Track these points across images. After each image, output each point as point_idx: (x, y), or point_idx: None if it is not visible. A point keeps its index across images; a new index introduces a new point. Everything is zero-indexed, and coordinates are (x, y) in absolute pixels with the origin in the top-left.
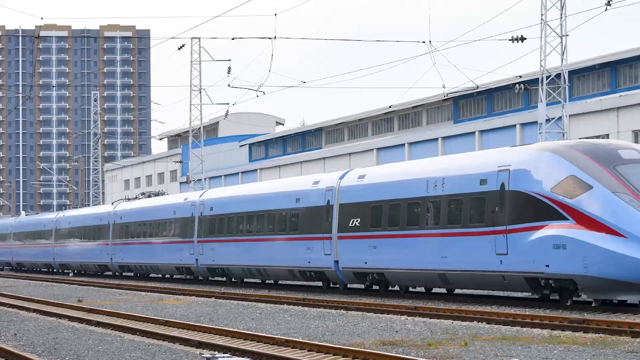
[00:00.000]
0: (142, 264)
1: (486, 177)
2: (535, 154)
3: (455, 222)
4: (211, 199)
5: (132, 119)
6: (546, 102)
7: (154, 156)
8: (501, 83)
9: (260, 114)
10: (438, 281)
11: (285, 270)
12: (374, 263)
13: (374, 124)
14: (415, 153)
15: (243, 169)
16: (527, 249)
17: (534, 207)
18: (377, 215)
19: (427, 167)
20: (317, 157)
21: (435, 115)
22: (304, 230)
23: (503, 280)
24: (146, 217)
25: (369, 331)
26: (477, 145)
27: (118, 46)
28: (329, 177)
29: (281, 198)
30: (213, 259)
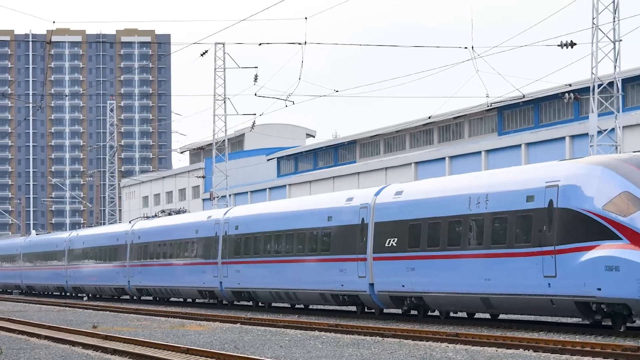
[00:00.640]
0: (162, 287)
1: (533, 193)
2: (586, 168)
3: (499, 242)
4: (236, 217)
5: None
6: (598, 113)
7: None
8: (549, 92)
9: (289, 126)
10: (481, 305)
11: (317, 294)
12: (412, 286)
13: (411, 136)
14: (456, 167)
15: (271, 184)
16: (577, 271)
17: (584, 226)
18: (415, 235)
19: (469, 183)
20: (351, 172)
21: (478, 126)
22: (337, 251)
23: (551, 304)
24: (166, 237)
25: None
26: (523, 159)
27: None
28: (364, 194)
29: (312, 216)
30: (238, 282)
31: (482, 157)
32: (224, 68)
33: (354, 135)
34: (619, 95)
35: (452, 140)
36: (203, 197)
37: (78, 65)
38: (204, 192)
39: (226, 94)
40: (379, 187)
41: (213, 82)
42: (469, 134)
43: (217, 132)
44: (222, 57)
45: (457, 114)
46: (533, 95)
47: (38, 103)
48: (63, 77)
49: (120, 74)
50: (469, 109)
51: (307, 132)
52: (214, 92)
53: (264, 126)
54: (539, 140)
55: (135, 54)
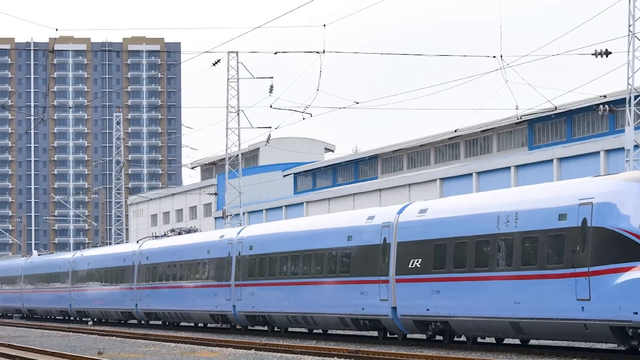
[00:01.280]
0: (172, 311)
1: (565, 211)
2: (622, 185)
3: (530, 263)
4: (251, 237)
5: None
6: (634, 126)
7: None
8: (583, 104)
9: (306, 139)
10: (511, 330)
11: (336, 318)
12: (437, 310)
13: (437, 151)
14: (484, 184)
15: (287, 202)
16: (612, 293)
17: (620, 246)
18: (440, 255)
19: (498, 200)
20: (372, 188)
21: (507, 140)
22: (357, 272)
23: (585, 329)
24: (176, 258)
25: None
26: (555, 174)
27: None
28: (386, 212)
29: (331, 235)
30: (253, 305)
31: (511, 173)
32: (237, 78)
33: (375, 150)
34: None
35: (479, 155)
36: (215, 215)
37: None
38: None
39: (240, 106)
40: (402, 205)
41: (226, 93)
42: (497, 148)
43: (230, 146)
44: (236, 67)
45: (485, 127)
46: (565, 107)
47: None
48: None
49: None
50: (498, 121)
51: (325, 146)
52: (226, 104)
53: (279, 140)
54: (571, 154)
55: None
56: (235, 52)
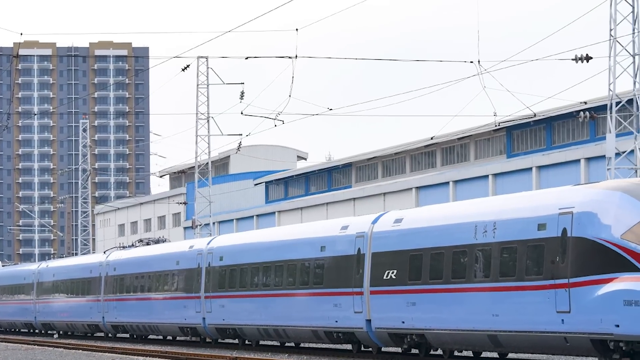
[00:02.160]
0: (140, 324)
1: (545, 221)
2: (603, 194)
3: (508, 275)
4: (221, 247)
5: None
6: (616, 133)
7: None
8: (562, 110)
9: (278, 147)
10: (488, 344)
11: (308, 331)
12: (412, 322)
13: (412, 159)
14: (461, 193)
15: (258, 211)
16: (593, 305)
17: (601, 257)
18: (416, 266)
19: (476, 210)
20: (346, 197)
21: (484, 148)
22: (331, 284)
23: (565, 342)
24: (144, 269)
25: None
26: (535, 183)
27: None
28: (360, 222)
29: (303, 246)
30: (223, 318)
31: (489, 182)
32: (207, 84)
33: (349, 158)
34: (639, 114)
35: (456, 163)
36: (184, 225)
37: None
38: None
39: (210, 113)
40: (376, 215)
41: (195, 99)
42: (475, 156)
43: (200, 154)
44: (205, 72)
45: (462, 134)
46: (545, 114)
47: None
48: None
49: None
50: (475, 128)
51: (298, 154)
52: (196, 111)
53: (251, 148)
54: (551, 163)
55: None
56: (205, 57)
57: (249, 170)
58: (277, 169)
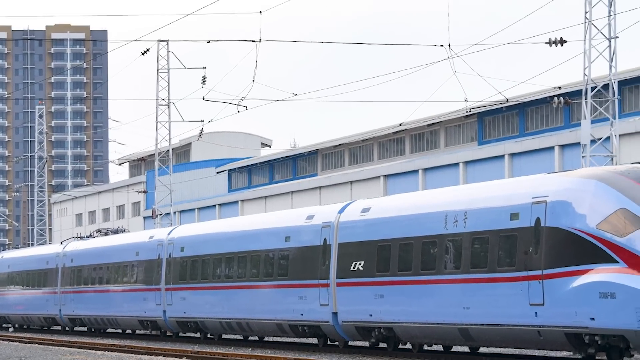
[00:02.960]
0: (98, 317)
1: (518, 210)
2: (578, 182)
3: (479, 266)
4: (182, 238)
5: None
6: (591, 119)
7: (112, 185)
8: (536, 96)
9: (241, 134)
10: (459, 337)
11: (273, 324)
12: (380, 315)
13: (380, 146)
14: (431, 181)
15: (221, 200)
16: (567, 298)
17: (576, 247)
18: (384, 257)
19: (446, 199)
20: (312, 186)
21: (455, 135)
22: (296, 276)
23: (538, 336)
24: (103, 260)
25: None
26: (507, 171)
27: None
28: (326, 211)
29: (267, 236)
30: (184, 311)
31: (460, 170)
32: (168, 69)
33: (314, 145)
34: (615, 100)
35: (426, 151)
36: (144, 214)
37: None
38: (145, 209)
39: (170, 98)
40: (343, 204)
41: (155, 84)
42: (445, 143)
43: (160, 141)
44: (166, 56)
45: (431, 120)
46: (518, 100)
47: None
48: None
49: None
50: (445, 115)
51: (262, 141)
52: (156, 96)
53: (213, 134)
54: (524, 150)
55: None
56: (166, 41)
57: (211, 157)
58: (240, 157)
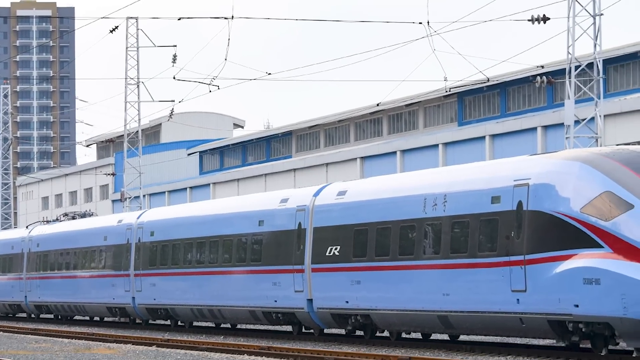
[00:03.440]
0: (65, 304)
1: (499, 193)
2: (561, 164)
3: (460, 251)
4: (152, 222)
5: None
6: (575, 99)
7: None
8: (518, 75)
9: (213, 114)
10: (438, 325)
11: (246, 311)
12: (357, 302)
13: (357, 127)
14: (409, 163)
15: (192, 183)
16: (550, 284)
17: (559, 232)
18: (361, 242)
19: (425, 181)
20: (286, 168)
21: (434, 115)
22: (269, 261)
23: (520, 323)
24: (70, 245)
25: None
26: (488, 153)
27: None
28: (301, 194)
29: (240, 220)
30: (154, 297)
31: (439, 151)
32: (137, 47)
33: (289, 126)
34: (600, 79)
35: (404, 132)
36: (113, 198)
37: None
38: (114, 192)
39: (140, 78)
40: (318, 187)
41: (124, 63)
42: (424, 124)
43: (129, 121)
44: (135, 34)
45: (410, 100)
46: (499, 79)
47: None
48: None
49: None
50: (424, 94)
51: (234, 121)
52: (125, 75)
53: (184, 115)
54: (505, 131)
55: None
56: (135, 18)
57: (181, 139)
58: (212, 138)
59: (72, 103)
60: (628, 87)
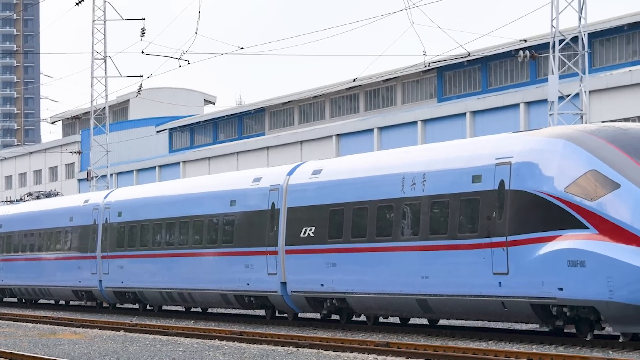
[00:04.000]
0: (29, 287)
1: (480, 172)
2: (545, 142)
3: (439, 232)
4: (119, 202)
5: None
6: (559, 75)
7: (45, 145)
8: (500, 49)
9: (183, 90)
10: (417, 309)
11: (217, 295)
12: (332, 285)
13: (332, 103)
14: (387, 141)
15: (161, 161)
16: (533, 266)
17: (542, 212)
18: (337, 223)
19: (403, 160)
20: (259, 146)
21: (413, 91)
22: (241, 243)
23: (502, 307)
24: (34, 226)
25: None
26: (469, 130)
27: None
28: (274, 173)
29: (211, 200)
30: (122, 280)
31: (418, 129)
32: (105, 20)
33: (262, 102)
34: (585, 53)
35: (381, 108)
36: (79, 177)
37: None
38: (80, 171)
39: (107, 52)
40: (293, 165)
41: (91, 37)
42: (402, 100)
43: (96, 97)
44: (102, 7)
45: (387, 75)
46: (480, 53)
47: None
48: None
49: None
50: (403, 69)
51: (205, 97)
52: (92, 50)
53: (152, 91)
54: (487, 107)
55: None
56: None
57: (150, 115)
58: (182, 115)
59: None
60: (614, 62)
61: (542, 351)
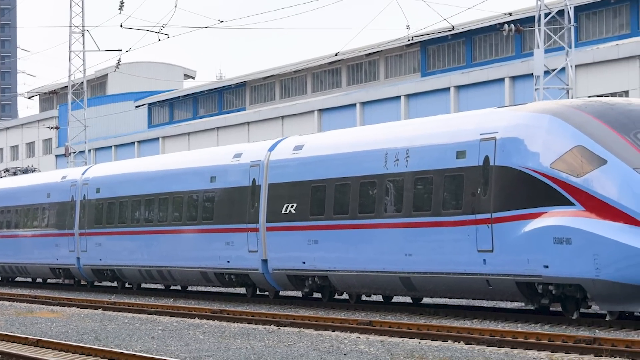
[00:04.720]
0: (6, 265)
1: (464, 148)
2: (530, 117)
3: (423, 209)
4: (98, 178)
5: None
6: (545, 49)
7: (21, 120)
8: (484, 23)
9: (163, 64)
10: (400, 286)
11: (197, 273)
12: (314, 263)
13: (314, 78)
14: (369, 116)
15: (140, 137)
16: (519, 244)
17: (528, 189)
18: (319, 200)
19: (386, 135)
20: (239, 121)
21: (396, 65)
22: (222, 220)
23: (487, 285)
24: (10, 202)
25: (308, 354)
26: (453, 105)
27: None
28: (255, 149)
29: (191, 176)
30: (100, 258)
31: (401, 104)
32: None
33: (243, 77)
34: (571, 27)
35: (364, 83)
36: (56, 152)
37: None
38: (58, 146)
39: (85, 25)
40: (274, 141)
41: (69, 10)
42: (385, 74)
43: (74, 72)
44: None
45: (370, 49)
46: (464, 27)
47: None
48: None
49: None
50: (386, 43)
51: (185, 72)
52: (69, 23)
53: (131, 65)
54: (471, 82)
55: None
56: None
57: (129, 90)
58: (161, 89)
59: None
60: (600, 35)
61: (528, 330)
